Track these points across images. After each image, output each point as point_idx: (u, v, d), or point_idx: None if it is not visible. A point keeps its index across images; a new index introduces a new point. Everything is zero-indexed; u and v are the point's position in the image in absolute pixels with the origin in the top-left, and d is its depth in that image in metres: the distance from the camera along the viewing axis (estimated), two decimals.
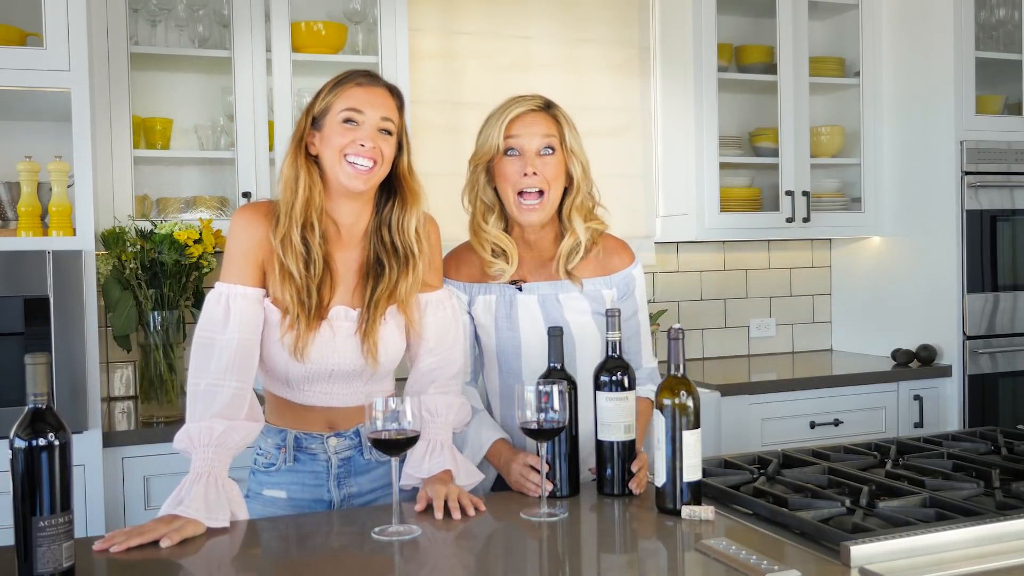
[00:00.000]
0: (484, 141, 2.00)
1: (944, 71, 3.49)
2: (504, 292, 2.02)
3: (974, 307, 3.50)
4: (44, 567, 1.33)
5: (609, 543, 1.67)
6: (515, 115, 1.96)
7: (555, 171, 1.97)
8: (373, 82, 1.79)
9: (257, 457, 1.91)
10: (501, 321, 2.01)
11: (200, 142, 3.17)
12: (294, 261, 1.75)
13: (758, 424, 3.26)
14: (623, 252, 2.10)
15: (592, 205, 2.05)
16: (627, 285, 2.08)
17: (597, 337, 2.04)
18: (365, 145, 1.74)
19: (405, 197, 1.84)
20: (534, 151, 1.95)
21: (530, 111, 1.98)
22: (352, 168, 1.75)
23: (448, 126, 3.45)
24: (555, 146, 1.97)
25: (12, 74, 2.45)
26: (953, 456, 1.95)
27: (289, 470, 1.88)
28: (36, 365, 1.35)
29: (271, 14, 3.02)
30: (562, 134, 1.99)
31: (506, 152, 1.97)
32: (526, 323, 2.01)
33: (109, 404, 3.05)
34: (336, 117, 1.76)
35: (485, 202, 2.03)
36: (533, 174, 1.94)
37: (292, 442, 1.87)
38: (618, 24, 3.68)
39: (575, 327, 2.02)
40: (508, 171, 1.96)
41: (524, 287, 2.02)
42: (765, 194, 3.76)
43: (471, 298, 2.04)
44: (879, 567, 1.36)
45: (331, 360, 1.80)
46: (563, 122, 2.00)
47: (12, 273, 2.42)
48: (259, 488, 1.90)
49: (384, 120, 1.77)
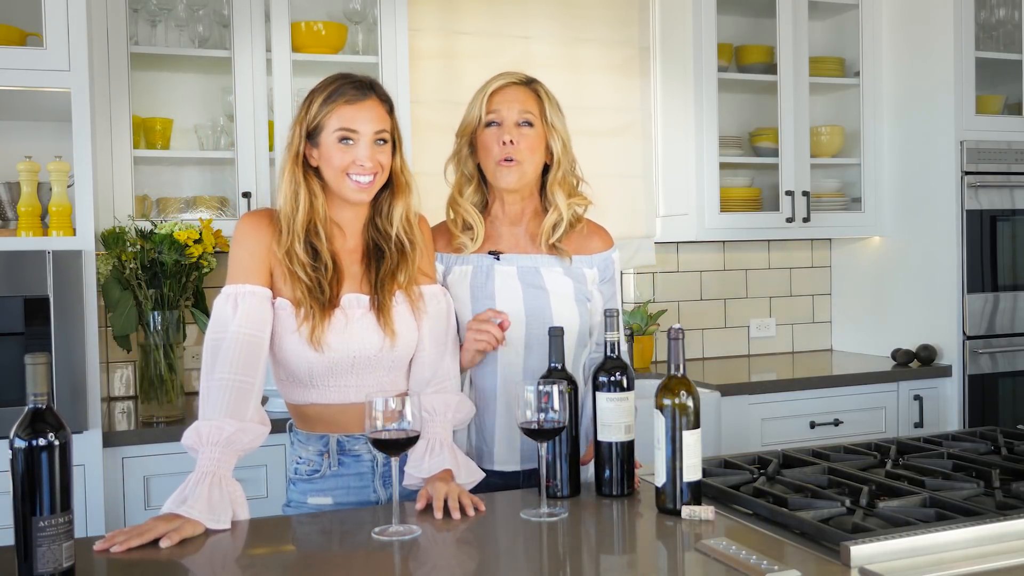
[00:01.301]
0: (467, 114, 2.04)
1: (944, 71, 3.49)
2: (481, 262, 2.03)
3: (974, 307, 3.50)
4: (44, 567, 1.33)
5: (609, 543, 1.67)
6: (496, 88, 2.01)
7: (533, 143, 1.99)
8: (362, 95, 1.81)
9: (298, 466, 1.90)
10: (477, 291, 2.00)
11: (200, 142, 3.17)
12: (301, 268, 1.79)
13: (758, 424, 3.26)
14: (603, 235, 2.12)
15: (576, 182, 2.07)
16: (607, 268, 2.10)
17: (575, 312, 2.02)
18: (365, 165, 1.79)
19: (395, 190, 1.89)
20: (513, 122, 1.99)
21: (511, 84, 2.02)
22: (355, 184, 1.80)
23: (448, 126, 3.39)
24: (533, 120, 2.00)
25: (12, 74, 2.45)
26: (953, 456, 1.95)
27: (334, 475, 1.87)
28: (36, 365, 1.35)
29: (271, 14, 3.02)
30: (542, 109, 2.02)
31: (487, 125, 2.01)
32: (502, 291, 2.00)
33: (109, 404, 3.05)
34: (331, 136, 1.79)
35: (465, 173, 2.07)
36: (511, 142, 1.97)
37: (335, 446, 1.87)
38: (618, 24, 3.68)
39: (554, 298, 2.01)
40: (488, 141, 2.00)
41: (503, 258, 2.03)
42: (765, 194, 3.76)
43: (447, 268, 2.04)
44: (879, 567, 1.36)
45: (351, 346, 1.81)
46: (544, 98, 2.03)
47: (12, 273, 2.42)
48: (303, 498, 1.89)
49: (378, 133, 1.82)
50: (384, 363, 1.85)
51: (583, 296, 2.05)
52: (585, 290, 2.05)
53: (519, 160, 1.98)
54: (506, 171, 1.99)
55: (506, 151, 1.98)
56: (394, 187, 1.88)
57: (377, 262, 1.86)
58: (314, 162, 1.83)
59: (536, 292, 2.01)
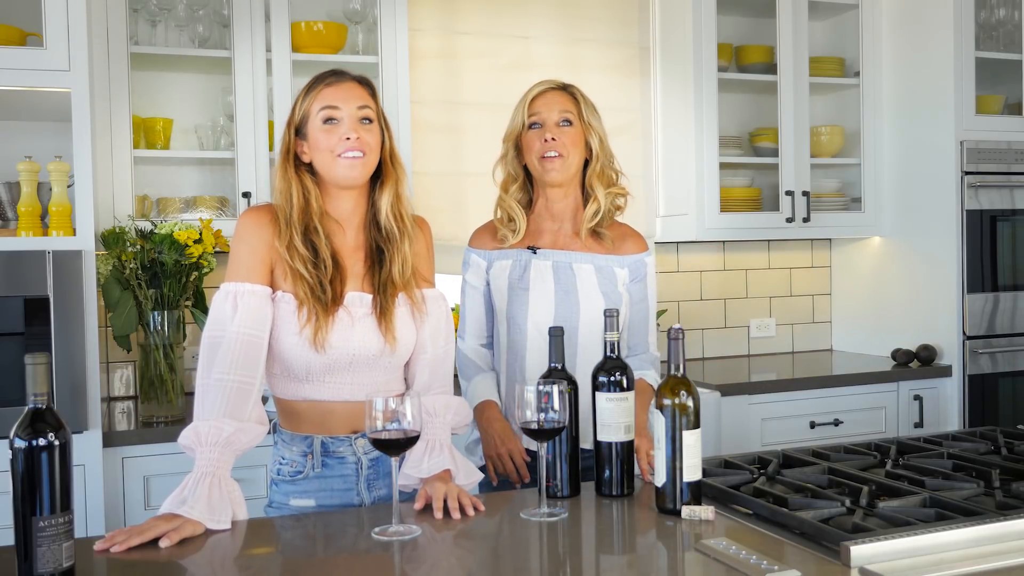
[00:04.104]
0: (512, 120, 2.23)
1: (944, 71, 3.49)
2: (520, 256, 2.21)
3: (974, 307, 3.50)
4: (44, 567, 1.33)
5: (609, 543, 1.67)
6: (536, 93, 2.21)
7: (573, 139, 2.17)
8: (341, 78, 1.84)
9: (281, 467, 1.89)
10: (514, 281, 2.19)
11: (200, 142, 3.17)
12: (302, 264, 1.78)
13: (758, 424, 3.26)
14: (638, 240, 2.26)
15: (615, 176, 2.24)
16: (639, 269, 2.23)
17: (600, 304, 2.14)
18: (351, 138, 1.79)
19: (383, 177, 1.88)
20: (554, 122, 2.17)
21: (550, 89, 2.22)
22: (345, 160, 1.80)
23: (448, 126, 3.45)
24: (572, 119, 2.18)
25: (12, 74, 2.45)
26: (953, 456, 1.95)
27: (317, 476, 1.86)
28: (36, 365, 1.35)
29: (271, 14, 3.02)
30: (579, 109, 2.20)
31: (530, 126, 2.19)
32: (536, 283, 2.17)
33: (109, 404, 3.05)
34: (316, 120, 1.81)
35: (511, 172, 2.25)
36: (552, 140, 2.15)
37: (319, 447, 1.86)
38: (618, 24, 3.68)
39: (582, 292, 2.16)
40: (532, 141, 2.18)
41: (539, 252, 2.19)
42: (765, 194, 3.76)
43: (489, 264, 2.23)
44: (879, 567, 1.36)
45: (352, 346, 1.80)
46: (580, 99, 2.22)
47: (12, 273, 2.42)
48: (285, 499, 1.88)
49: (361, 109, 1.82)
50: (381, 364, 1.85)
51: (611, 291, 2.18)
52: (614, 288, 2.18)
53: (562, 154, 2.15)
54: (550, 164, 2.16)
55: (548, 147, 2.15)
56: (381, 175, 1.88)
57: (380, 263, 1.86)
58: (306, 157, 1.83)
59: (567, 285, 2.17)
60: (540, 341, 2.11)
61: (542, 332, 2.07)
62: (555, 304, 2.15)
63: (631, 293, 2.22)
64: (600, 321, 2.08)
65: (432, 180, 3.41)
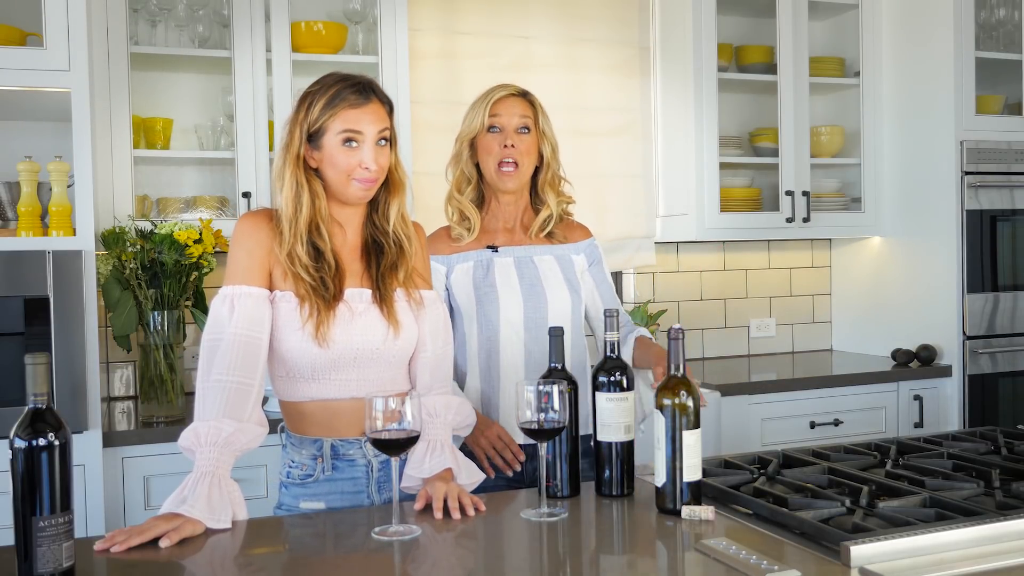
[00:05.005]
0: (470, 121, 2.26)
1: (944, 71, 3.49)
2: (481, 256, 2.25)
3: (974, 307, 3.50)
4: (44, 567, 1.33)
5: (609, 543, 1.67)
6: (498, 98, 2.24)
7: (529, 147, 2.23)
8: (365, 99, 1.81)
9: (290, 470, 1.88)
10: (479, 281, 2.22)
11: (200, 142, 3.17)
12: (303, 269, 1.78)
13: (758, 424, 3.26)
14: (582, 229, 2.37)
15: (559, 182, 2.31)
16: (593, 253, 2.34)
17: (566, 294, 2.23)
18: (371, 168, 1.80)
19: (390, 188, 1.89)
20: (513, 128, 2.22)
21: (510, 95, 2.26)
22: (359, 185, 1.81)
23: (448, 126, 3.43)
24: (530, 126, 2.24)
25: (12, 74, 2.45)
26: (953, 456, 1.95)
27: (327, 479, 1.86)
28: (36, 365, 1.35)
29: (271, 14, 3.02)
30: (536, 117, 2.26)
31: (489, 129, 2.23)
32: (501, 280, 2.22)
33: (109, 404, 3.05)
34: (335, 138, 1.79)
35: (465, 173, 2.28)
36: (511, 146, 2.20)
37: (329, 450, 1.86)
38: (618, 24, 3.68)
39: (547, 284, 2.23)
40: (491, 145, 2.22)
41: (500, 250, 2.25)
42: (765, 194, 3.76)
43: (449, 268, 2.24)
44: (879, 567, 1.36)
45: (354, 340, 1.80)
46: (537, 107, 2.27)
47: (12, 273, 2.42)
48: (294, 501, 1.87)
49: (381, 132, 1.82)
50: (386, 357, 1.85)
51: (573, 279, 2.26)
52: (575, 276, 2.27)
53: (518, 163, 2.21)
54: (507, 176, 2.21)
55: (506, 153, 2.20)
56: (390, 185, 1.89)
57: (377, 257, 1.87)
58: (314, 164, 1.82)
59: (531, 278, 2.22)
60: (513, 337, 2.19)
61: (515, 328, 2.18)
62: (523, 298, 2.20)
63: (593, 276, 2.31)
64: (569, 310, 2.23)
65: (432, 180, 3.39)
